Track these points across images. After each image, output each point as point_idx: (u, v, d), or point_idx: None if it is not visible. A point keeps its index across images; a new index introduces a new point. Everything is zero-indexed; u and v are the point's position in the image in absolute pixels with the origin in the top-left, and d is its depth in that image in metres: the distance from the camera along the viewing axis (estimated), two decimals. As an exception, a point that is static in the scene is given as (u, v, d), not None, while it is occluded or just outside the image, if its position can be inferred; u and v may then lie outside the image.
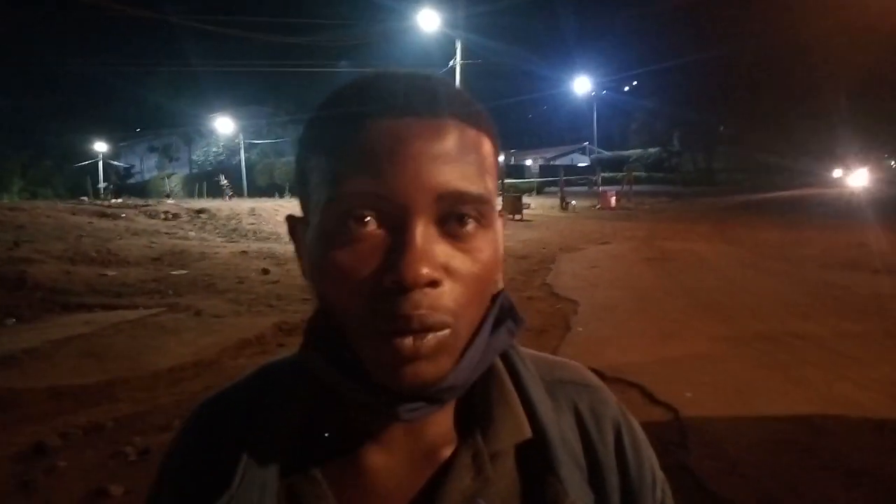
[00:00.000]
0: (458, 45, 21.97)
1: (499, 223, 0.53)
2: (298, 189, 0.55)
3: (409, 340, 0.46)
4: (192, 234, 15.77)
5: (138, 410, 4.38)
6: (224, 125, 45.09)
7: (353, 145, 0.48)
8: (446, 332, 0.47)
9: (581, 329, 6.36)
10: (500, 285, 0.56)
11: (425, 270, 0.45)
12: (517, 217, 21.04)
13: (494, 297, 0.55)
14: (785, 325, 6.20)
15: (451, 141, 0.48)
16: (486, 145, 0.52)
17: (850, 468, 3.29)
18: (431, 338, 0.47)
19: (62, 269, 9.63)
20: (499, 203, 0.54)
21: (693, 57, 41.74)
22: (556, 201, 28.10)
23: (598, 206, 26.96)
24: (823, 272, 9.31)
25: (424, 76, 0.52)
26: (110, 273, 9.73)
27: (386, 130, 0.47)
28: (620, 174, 37.82)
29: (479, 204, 0.49)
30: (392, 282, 0.46)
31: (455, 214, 0.48)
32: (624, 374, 4.76)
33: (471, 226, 0.49)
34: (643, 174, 45.55)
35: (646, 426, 0.63)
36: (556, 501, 0.54)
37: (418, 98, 0.49)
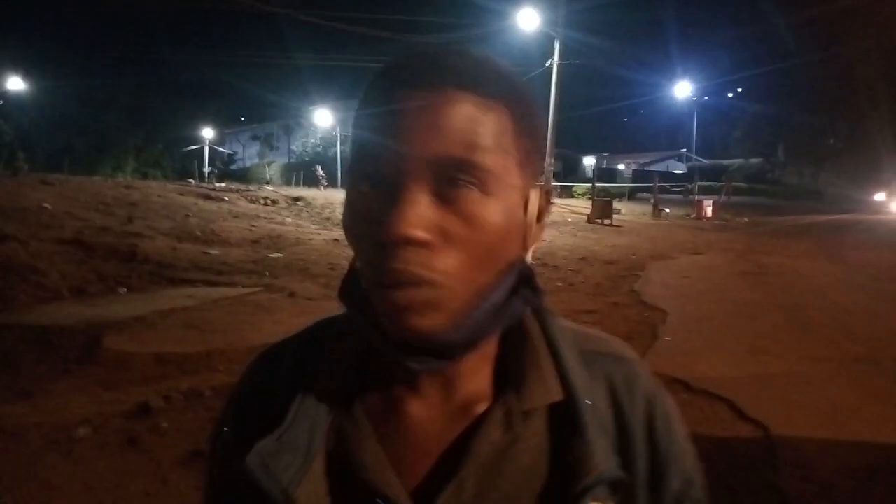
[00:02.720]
0: (557, 45, 21.72)
1: (517, 194, 0.55)
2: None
3: (400, 293, 0.51)
4: (289, 220, 16.38)
5: (234, 381, 4.60)
6: (322, 118, 46.44)
7: (365, 118, 0.54)
8: (436, 289, 0.51)
9: (669, 339, 6.21)
10: (526, 256, 0.59)
11: (409, 229, 0.49)
12: (606, 222, 20.64)
13: (514, 266, 0.58)
14: (888, 350, 5.84)
15: (450, 111, 0.51)
16: (500, 117, 0.54)
17: (954, 504, 3.10)
18: (419, 292, 0.51)
19: (169, 246, 10.26)
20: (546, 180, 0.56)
21: (805, 59, 39.28)
22: (648, 208, 27.39)
23: (692, 216, 26.05)
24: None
25: (442, 50, 0.55)
26: (213, 252, 10.26)
27: (390, 103, 0.53)
28: (718, 183, 36.36)
29: (476, 170, 0.51)
30: (382, 238, 0.50)
31: (449, 180, 0.51)
32: (712, 387, 4.63)
33: (466, 191, 0.52)
34: (743, 185, 43.65)
35: (733, 442, 0.64)
36: (581, 463, 0.56)
37: (422, 71, 0.53)
